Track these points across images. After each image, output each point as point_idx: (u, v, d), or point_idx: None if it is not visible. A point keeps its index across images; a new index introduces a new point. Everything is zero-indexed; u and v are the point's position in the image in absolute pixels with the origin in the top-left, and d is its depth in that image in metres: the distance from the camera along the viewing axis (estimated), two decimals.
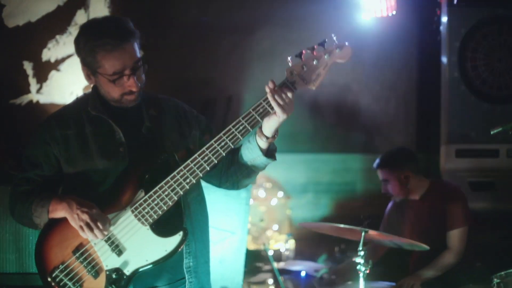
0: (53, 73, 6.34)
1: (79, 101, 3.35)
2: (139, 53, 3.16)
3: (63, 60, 6.35)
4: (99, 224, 3.00)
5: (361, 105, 7.09)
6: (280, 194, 6.88)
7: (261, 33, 6.89)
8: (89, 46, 3.09)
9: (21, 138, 6.01)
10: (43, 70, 6.34)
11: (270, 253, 6.21)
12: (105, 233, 3.04)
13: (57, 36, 6.35)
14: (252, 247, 6.45)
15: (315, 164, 7.08)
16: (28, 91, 6.31)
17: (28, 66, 6.31)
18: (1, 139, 5.65)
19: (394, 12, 6.59)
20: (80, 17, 6.40)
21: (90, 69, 3.16)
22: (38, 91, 6.33)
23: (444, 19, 6.68)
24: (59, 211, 3.07)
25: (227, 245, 5.31)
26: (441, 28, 6.74)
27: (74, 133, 3.21)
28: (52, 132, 3.22)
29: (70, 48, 6.34)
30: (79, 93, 6.35)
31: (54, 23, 6.36)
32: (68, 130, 3.21)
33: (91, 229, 3.00)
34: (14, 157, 4.84)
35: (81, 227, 3.00)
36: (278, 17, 6.88)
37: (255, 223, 6.63)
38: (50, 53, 6.34)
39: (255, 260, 6.30)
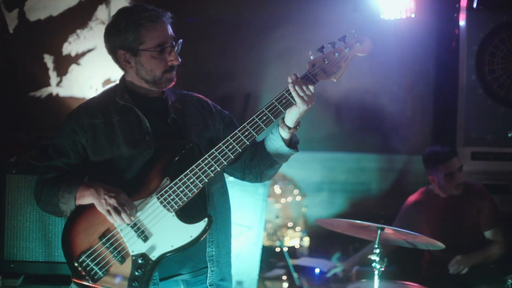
0: (73, 67, 6.39)
1: (106, 92, 3.41)
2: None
3: (83, 54, 6.40)
4: (126, 208, 3.05)
5: (378, 105, 7.05)
6: (296, 192, 6.89)
7: (278, 32, 6.90)
8: (133, 22, 3.19)
9: (40, 129, 6.07)
10: (63, 64, 6.38)
11: (285, 249, 6.22)
12: (132, 218, 3.09)
13: (78, 31, 6.40)
14: (267, 243, 6.47)
15: (331, 163, 7.07)
16: (48, 84, 6.36)
17: (48, 60, 6.36)
18: (22, 131, 5.68)
19: (413, 15, 6.60)
20: (101, 12, 6.45)
21: (130, 50, 3.23)
22: (58, 84, 6.38)
23: (463, 22, 6.69)
24: (87, 197, 3.11)
25: (243, 240, 5.34)
26: (460, 31, 6.74)
27: (102, 122, 3.26)
28: (80, 121, 3.27)
29: (91, 43, 6.41)
30: (98, 87, 6.41)
31: (75, 18, 6.41)
32: (96, 119, 3.27)
33: (118, 213, 3.04)
34: (35, 148, 4.87)
35: (108, 211, 3.04)
36: (296, 17, 6.88)
37: (270, 220, 6.65)
38: (70, 47, 6.38)
39: (270, 256, 6.33)
